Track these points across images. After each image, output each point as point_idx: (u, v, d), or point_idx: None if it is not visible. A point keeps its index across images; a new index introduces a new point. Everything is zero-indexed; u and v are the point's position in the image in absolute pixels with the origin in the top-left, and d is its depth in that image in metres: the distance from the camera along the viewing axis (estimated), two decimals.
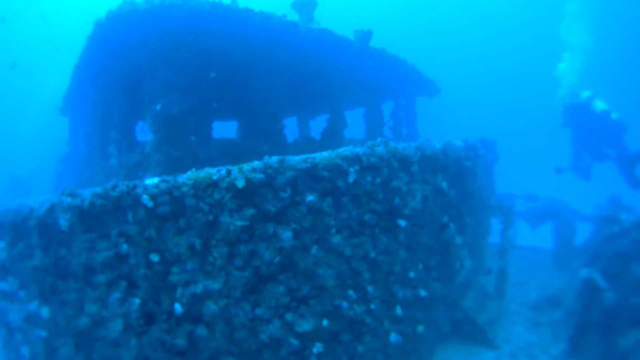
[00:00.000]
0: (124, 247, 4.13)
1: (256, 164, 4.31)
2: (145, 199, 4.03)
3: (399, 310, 5.48)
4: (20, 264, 4.35)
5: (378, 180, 4.98)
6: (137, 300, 4.16)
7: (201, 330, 4.32)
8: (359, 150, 4.87)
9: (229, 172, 4.20)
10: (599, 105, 10.06)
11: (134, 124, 7.60)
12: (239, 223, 4.19)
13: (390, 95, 11.40)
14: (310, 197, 4.47)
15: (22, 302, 4.39)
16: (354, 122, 10.73)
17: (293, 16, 8.38)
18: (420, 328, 5.93)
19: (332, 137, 8.50)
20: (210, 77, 7.09)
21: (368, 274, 5.05)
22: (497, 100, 61.37)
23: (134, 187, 4.07)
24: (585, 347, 5.57)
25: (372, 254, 5.04)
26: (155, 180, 4.13)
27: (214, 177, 4.16)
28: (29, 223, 4.22)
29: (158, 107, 6.09)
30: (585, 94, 10.28)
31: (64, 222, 4.08)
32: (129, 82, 6.94)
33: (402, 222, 5.30)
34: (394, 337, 5.42)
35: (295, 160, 4.46)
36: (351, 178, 4.74)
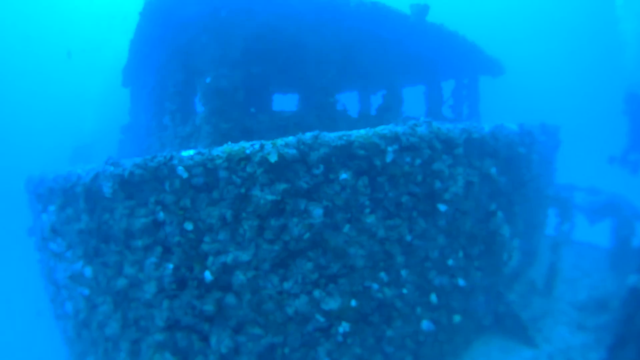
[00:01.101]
0: (161, 215, 4.35)
1: (290, 139, 4.36)
2: (181, 170, 4.21)
3: (434, 298, 5.40)
4: (68, 226, 4.70)
5: (418, 161, 4.89)
6: (171, 266, 4.38)
7: (230, 299, 4.48)
8: (399, 129, 4.79)
9: (262, 147, 4.29)
10: None
11: (188, 95, 7.86)
12: (269, 197, 4.28)
13: (451, 73, 11.07)
14: (344, 175, 4.48)
15: (69, 261, 4.76)
16: (418, 99, 10.59)
17: None
18: (457, 318, 5.84)
19: (387, 113, 8.37)
20: (261, 50, 7.17)
21: (402, 258, 5.00)
22: (572, 83, 57.74)
23: (171, 158, 4.25)
24: (624, 359, 5.22)
25: (408, 238, 4.98)
26: (191, 152, 4.30)
27: (247, 151, 4.26)
28: (77, 189, 4.54)
29: (208, 80, 6.28)
30: None
31: (107, 189, 4.36)
32: (182, 55, 7.18)
33: (442, 207, 5.18)
34: (426, 325, 5.37)
35: (330, 137, 4.46)
36: (389, 158, 4.68)
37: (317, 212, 4.41)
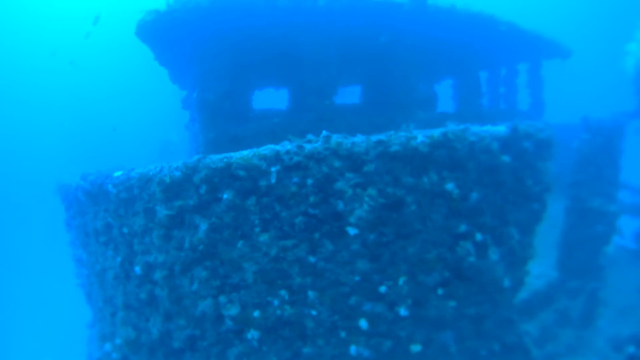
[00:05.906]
0: (109, 219, 5.78)
1: (179, 162, 5.16)
2: (110, 187, 5.53)
3: (363, 324, 5.35)
4: (73, 222, 6.61)
5: (309, 181, 4.94)
6: (119, 259, 5.80)
7: (158, 291, 5.62)
8: (282, 148, 4.93)
9: (161, 169, 5.22)
10: None
11: None
12: (165, 212, 5.21)
13: (494, 61, 9.39)
14: (225, 195, 5.03)
15: (76, 248, 6.69)
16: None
17: None
18: (416, 348, 5.61)
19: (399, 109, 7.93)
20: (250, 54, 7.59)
21: (306, 279, 5.14)
22: None
23: (107, 177, 5.61)
24: None
25: (311, 259, 5.11)
26: (119, 173, 5.56)
27: (150, 173, 5.27)
28: (70, 196, 6.38)
29: (195, 94, 7.37)
30: None
31: (81, 197, 6.03)
32: (183, 71, 8.25)
33: (351, 230, 5.08)
34: (354, 350, 5.38)
35: (212, 159, 5.03)
36: (273, 178, 4.93)
37: (203, 226, 5.11)
